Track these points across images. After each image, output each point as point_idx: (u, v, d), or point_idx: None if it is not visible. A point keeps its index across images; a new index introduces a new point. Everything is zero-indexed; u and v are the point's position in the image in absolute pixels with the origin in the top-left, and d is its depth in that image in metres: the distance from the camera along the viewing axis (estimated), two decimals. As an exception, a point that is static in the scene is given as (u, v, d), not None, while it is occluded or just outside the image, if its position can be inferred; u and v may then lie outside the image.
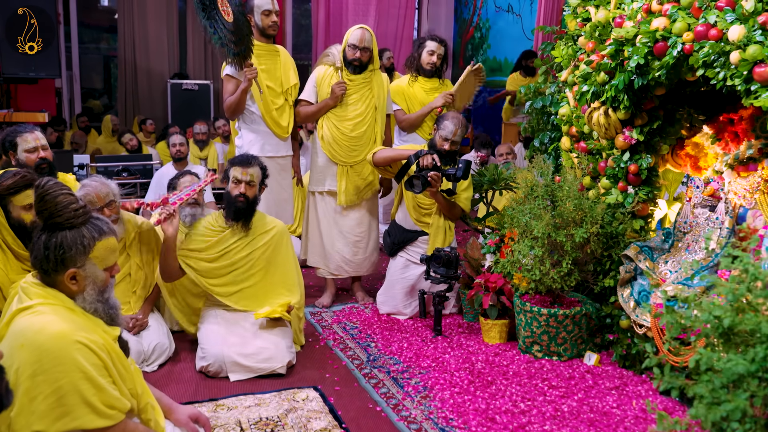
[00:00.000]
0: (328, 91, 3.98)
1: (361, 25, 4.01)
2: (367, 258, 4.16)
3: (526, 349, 3.33)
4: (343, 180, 4.02)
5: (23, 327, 1.71)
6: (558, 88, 3.94)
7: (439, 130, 3.79)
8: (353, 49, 3.94)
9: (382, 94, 4.09)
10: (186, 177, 3.95)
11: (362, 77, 4.01)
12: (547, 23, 6.97)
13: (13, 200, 2.79)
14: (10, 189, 2.76)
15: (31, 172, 2.88)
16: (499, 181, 4.11)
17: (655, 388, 2.93)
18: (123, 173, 6.07)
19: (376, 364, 3.23)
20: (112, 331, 1.86)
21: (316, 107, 4.04)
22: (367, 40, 3.94)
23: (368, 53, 3.97)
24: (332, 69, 4.03)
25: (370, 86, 4.03)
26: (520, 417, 2.68)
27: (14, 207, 2.79)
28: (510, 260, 3.34)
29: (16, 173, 2.80)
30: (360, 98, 4.01)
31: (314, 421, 2.64)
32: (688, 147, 3.32)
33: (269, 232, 3.34)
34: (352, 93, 4.00)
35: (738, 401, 1.48)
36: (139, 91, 9.07)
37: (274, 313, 3.16)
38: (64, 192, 1.79)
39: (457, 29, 9.97)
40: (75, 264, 1.78)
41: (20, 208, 2.80)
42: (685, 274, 2.92)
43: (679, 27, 2.76)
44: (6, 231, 2.81)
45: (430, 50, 4.27)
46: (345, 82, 3.97)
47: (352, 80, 3.99)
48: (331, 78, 4.02)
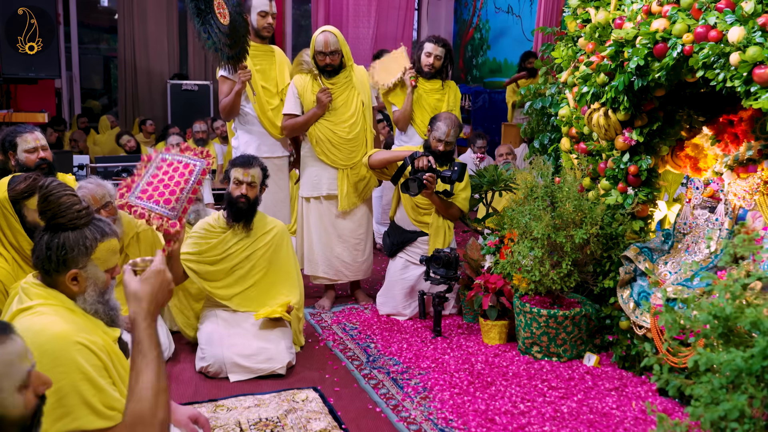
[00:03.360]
0: (312, 99, 3.92)
1: (323, 29, 3.92)
2: (366, 260, 4.15)
3: (525, 350, 3.33)
4: (344, 183, 4.00)
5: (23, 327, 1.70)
6: (558, 89, 3.94)
7: (433, 131, 3.80)
8: (322, 56, 3.88)
9: (364, 88, 4.06)
10: None
11: (343, 77, 3.98)
12: (546, 24, 6.98)
13: (27, 204, 2.76)
14: (24, 193, 2.74)
15: (41, 175, 2.86)
16: (498, 182, 4.12)
17: (654, 390, 2.93)
18: (122, 174, 6.07)
19: (376, 364, 3.23)
20: (112, 332, 1.86)
21: (304, 118, 3.96)
22: (332, 42, 3.86)
23: (338, 55, 3.91)
24: (310, 77, 3.97)
25: (352, 84, 4.01)
26: (520, 418, 2.68)
27: (29, 210, 2.77)
28: (510, 261, 3.34)
29: (27, 177, 2.78)
30: (347, 99, 3.99)
31: (314, 422, 2.64)
32: (687, 148, 3.32)
33: (270, 232, 3.34)
34: (338, 96, 3.97)
35: (736, 401, 1.48)
36: (139, 91, 9.07)
37: (274, 314, 3.16)
38: (67, 193, 1.79)
39: (457, 30, 9.98)
40: (77, 265, 1.79)
41: (35, 212, 2.76)
42: (685, 275, 2.93)
43: (678, 28, 2.76)
44: (21, 236, 2.77)
45: (427, 52, 4.27)
46: (328, 89, 3.92)
47: (335, 83, 3.96)
48: (312, 86, 3.95)
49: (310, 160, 4.06)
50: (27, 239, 2.78)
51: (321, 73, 3.95)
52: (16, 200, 2.75)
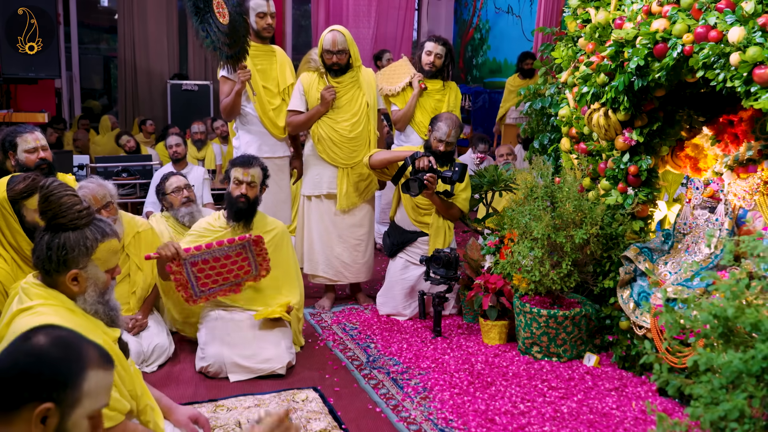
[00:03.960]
0: (317, 97, 3.93)
1: (332, 28, 3.94)
2: (366, 262, 4.14)
3: (525, 350, 3.33)
4: (344, 182, 4.00)
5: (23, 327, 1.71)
6: (558, 89, 3.94)
7: (434, 131, 3.80)
8: (329, 54, 3.89)
9: (371, 90, 4.06)
10: (172, 179, 3.96)
11: (349, 77, 3.98)
12: (546, 24, 6.98)
13: (27, 204, 2.76)
14: (23, 193, 2.74)
15: (40, 175, 2.86)
16: (498, 182, 4.12)
17: (654, 390, 2.93)
18: (123, 174, 6.07)
19: (376, 365, 3.23)
20: (112, 332, 1.86)
21: (307, 115, 3.96)
22: (340, 42, 3.87)
23: (345, 55, 3.91)
24: (317, 75, 3.98)
25: (358, 84, 4.01)
26: (520, 418, 2.68)
27: (28, 210, 2.77)
28: (510, 261, 3.34)
29: (26, 177, 2.78)
30: (352, 98, 3.99)
31: (314, 422, 2.64)
32: (687, 148, 3.32)
33: (270, 232, 3.34)
34: (343, 95, 3.97)
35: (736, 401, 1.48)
36: (139, 91, 9.07)
37: (274, 314, 3.16)
38: (68, 193, 1.80)
39: (457, 30, 9.98)
40: (77, 265, 1.79)
41: (34, 211, 2.77)
42: (685, 275, 2.93)
43: (679, 28, 2.76)
44: (21, 237, 2.77)
45: (428, 50, 4.27)
46: (333, 87, 3.92)
47: (340, 82, 3.96)
48: (318, 84, 3.96)
49: (313, 159, 4.06)
50: (26, 239, 2.78)
51: (328, 71, 3.95)
52: (15, 200, 2.75)
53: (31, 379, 1.16)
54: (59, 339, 1.23)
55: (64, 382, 1.19)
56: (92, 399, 1.22)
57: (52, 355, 1.20)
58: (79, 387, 1.20)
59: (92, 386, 1.22)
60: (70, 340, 1.24)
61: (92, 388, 1.22)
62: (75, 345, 1.24)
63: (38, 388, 1.17)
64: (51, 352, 1.20)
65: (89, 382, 1.22)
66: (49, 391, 1.17)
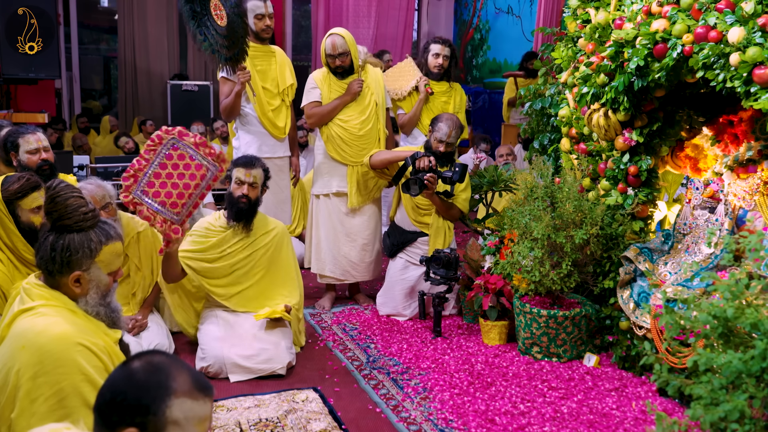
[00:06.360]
0: (328, 93, 3.95)
1: (332, 32, 3.94)
2: (373, 261, 4.14)
3: (525, 351, 3.34)
4: (353, 180, 4.01)
5: (25, 328, 1.71)
6: (558, 89, 3.94)
7: (434, 132, 3.80)
8: (331, 58, 3.91)
9: (379, 89, 4.07)
10: None
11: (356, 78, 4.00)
12: (546, 25, 6.98)
13: (21, 204, 2.76)
14: (18, 193, 2.74)
15: (34, 175, 2.87)
16: (498, 183, 4.12)
17: (654, 390, 2.93)
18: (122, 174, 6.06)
19: (376, 365, 3.23)
20: (113, 334, 1.86)
21: (331, 105, 3.95)
22: (340, 45, 3.87)
23: (347, 57, 3.92)
24: (327, 71, 4.00)
25: (366, 83, 4.02)
26: (520, 418, 2.68)
27: (23, 211, 2.77)
28: (510, 261, 3.34)
29: (20, 177, 2.79)
30: (362, 98, 4.00)
31: (314, 422, 2.64)
32: (687, 148, 3.32)
33: (270, 233, 3.35)
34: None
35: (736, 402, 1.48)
36: (139, 92, 9.08)
37: (274, 314, 3.16)
38: (74, 195, 1.80)
39: (457, 31, 9.98)
40: (80, 267, 1.79)
41: (29, 212, 2.78)
42: (685, 275, 2.93)
43: (678, 29, 2.76)
44: (16, 237, 2.77)
45: (435, 53, 4.28)
46: (362, 79, 3.95)
47: (347, 83, 3.98)
48: (329, 80, 3.98)
49: (322, 158, 4.08)
50: (22, 240, 2.78)
51: (333, 74, 3.97)
52: (10, 201, 2.75)
53: (119, 403, 1.17)
54: (151, 363, 1.22)
55: (146, 407, 1.17)
56: (179, 428, 1.18)
57: (138, 379, 1.19)
58: (161, 414, 1.17)
59: (178, 415, 1.18)
60: (161, 366, 1.21)
61: (178, 416, 1.18)
62: (164, 370, 1.21)
63: (125, 412, 1.17)
64: (139, 377, 1.19)
65: (173, 410, 1.18)
66: (132, 416, 1.16)
